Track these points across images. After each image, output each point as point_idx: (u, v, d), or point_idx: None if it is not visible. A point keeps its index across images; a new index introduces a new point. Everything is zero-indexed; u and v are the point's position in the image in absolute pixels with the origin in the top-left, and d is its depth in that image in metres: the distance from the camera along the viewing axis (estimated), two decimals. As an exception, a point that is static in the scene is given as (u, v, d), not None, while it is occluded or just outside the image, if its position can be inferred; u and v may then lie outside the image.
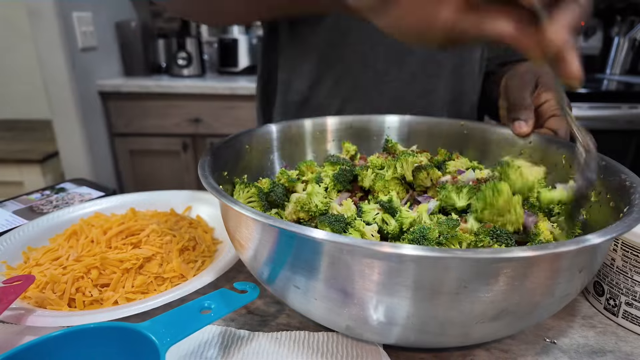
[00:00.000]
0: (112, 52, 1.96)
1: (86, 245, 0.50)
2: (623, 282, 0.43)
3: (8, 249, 0.52)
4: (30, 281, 0.42)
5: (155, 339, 0.32)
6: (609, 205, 0.41)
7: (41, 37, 1.60)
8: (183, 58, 1.96)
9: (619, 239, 0.42)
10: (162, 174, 2.00)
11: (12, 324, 0.41)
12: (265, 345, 0.40)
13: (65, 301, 0.44)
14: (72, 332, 0.32)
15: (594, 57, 2.36)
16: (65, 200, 0.68)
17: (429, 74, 0.74)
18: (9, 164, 1.69)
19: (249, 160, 0.54)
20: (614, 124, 1.80)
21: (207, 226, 0.60)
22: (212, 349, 0.39)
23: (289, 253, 0.33)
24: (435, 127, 0.62)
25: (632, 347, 0.41)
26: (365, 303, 0.31)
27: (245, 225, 0.36)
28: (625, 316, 0.43)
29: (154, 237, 0.52)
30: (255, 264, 0.38)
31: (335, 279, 0.31)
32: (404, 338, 0.35)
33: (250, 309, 0.46)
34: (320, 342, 0.40)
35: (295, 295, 0.35)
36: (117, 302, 0.44)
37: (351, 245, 0.29)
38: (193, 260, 0.51)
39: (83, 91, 1.74)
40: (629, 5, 2.21)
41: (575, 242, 0.29)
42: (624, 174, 0.41)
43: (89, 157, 1.80)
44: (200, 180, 0.39)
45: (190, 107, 1.86)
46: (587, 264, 0.33)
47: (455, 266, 0.29)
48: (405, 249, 0.27)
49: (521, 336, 0.42)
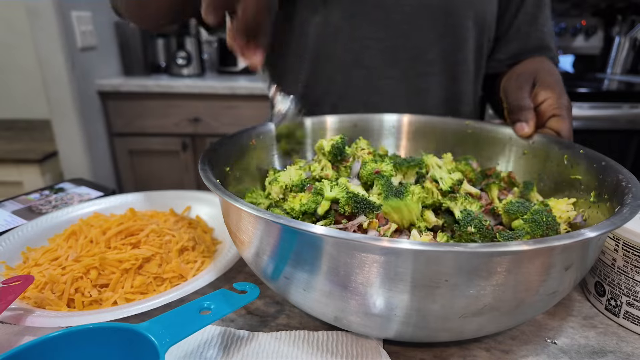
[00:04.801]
0: (112, 51, 1.96)
1: (85, 246, 0.50)
2: (624, 283, 0.43)
3: (7, 249, 0.52)
4: (29, 281, 0.42)
5: (154, 340, 0.32)
6: (607, 205, 0.41)
7: (40, 36, 1.59)
8: (182, 57, 1.95)
9: (620, 239, 0.42)
10: (162, 173, 2.00)
11: (11, 324, 0.41)
12: (265, 345, 0.40)
13: (64, 301, 0.44)
14: (71, 333, 0.32)
15: (595, 56, 2.36)
16: (64, 200, 0.68)
17: (420, 72, 0.74)
18: (8, 163, 1.69)
19: (250, 157, 0.54)
20: (614, 124, 1.80)
21: (206, 226, 0.60)
22: (211, 349, 0.39)
23: (290, 249, 0.33)
24: (438, 126, 0.62)
25: (633, 348, 0.41)
26: (361, 296, 0.32)
27: (245, 221, 0.36)
28: (626, 316, 0.43)
29: (153, 238, 0.51)
30: (256, 260, 0.38)
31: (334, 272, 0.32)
32: (395, 331, 0.35)
33: (250, 310, 0.45)
34: (320, 341, 0.40)
35: (296, 289, 0.35)
36: (117, 302, 0.44)
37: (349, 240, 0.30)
38: (192, 261, 0.51)
39: (82, 91, 1.74)
40: (629, 5, 2.21)
41: (560, 238, 0.29)
42: (621, 174, 0.41)
43: (88, 157, 1.80)
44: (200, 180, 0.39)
45: (189, 107, 1.86)
46: (575, 261, 0.33)
47: (437, 260, 0.29)
48: (403, 243, 0.28)
49: (522, 336, 0.42)
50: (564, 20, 2.29)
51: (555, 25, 2.29)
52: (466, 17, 0.71)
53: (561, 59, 2.35)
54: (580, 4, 2.25)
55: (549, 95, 0.56)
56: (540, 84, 0.58)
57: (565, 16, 2.30)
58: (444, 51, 0.73)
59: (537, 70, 0.61)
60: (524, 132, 0.55)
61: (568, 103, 0.56)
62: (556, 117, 0.55)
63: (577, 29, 2.30)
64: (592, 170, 0.46)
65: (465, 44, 0.73)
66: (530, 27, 0.76)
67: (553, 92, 0.56)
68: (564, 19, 2.29)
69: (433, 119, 0.62)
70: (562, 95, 0.56)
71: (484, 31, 0.75)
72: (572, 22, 2.29)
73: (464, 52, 0.74)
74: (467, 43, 0.73)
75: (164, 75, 2.02)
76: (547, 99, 0.56)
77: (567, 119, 0.55)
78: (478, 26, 0.73)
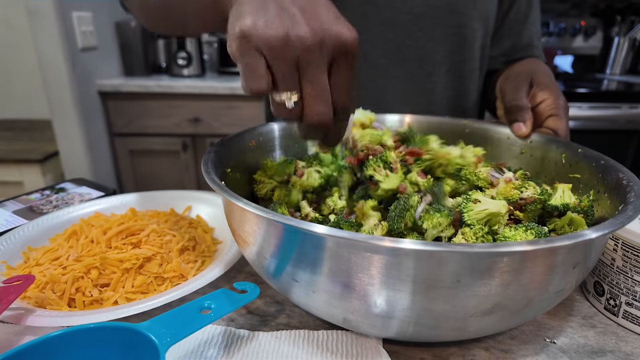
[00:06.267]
0: (112, 52, 1.96)
1: (86, 245, 0.50)
2: (623, 282, 0.43)
3: (8, 249, 0.52)
4: (30, 281, 0.42)
5: (155, 339, 0.32)
6: (607, 203, 0.41)
7: (41, 36, 1.59)
8: (183, 58, 1.96)
9: (619, 238, 0.42)
10: (162, 173, 2.00)
11: (12, 324, 0.41)
12: (265, 344, 0.40)
13: (65, 301, 0.44)
14: (72, 332, 0.32)
15: (594, 56, 2.36)
16: (65, 200, 0.68)
17: (427, 71, 0.74)
18: (9, 163, 1.69)
19: (251, 157, 0.54)
20: (614, 124, 1.80)
21: (207, 226, 0.60)
22: (212, 348, 0.39)
23: (293, 248, 0.33)
24: (436, 125, 0.62)
25: (632, 347, 0.41)
26: (365, 296, 0.32)
27: (248, 221, 0.36)
28: (625, 316, 0.43)
29: (154, 237, 0.52)
30: (259, 259, 0.38)
31: (337, 272, 0.32)
32: (400, 331, 0.35)
33: (250, 309, 0.45)
34: (320, 341, 0.40)
35: (298, 289, 0.36)
36: (117, 302, 0.44)
37: (351, 240, 0.30)
38: (193, 260, 0.51)
39: (83, 91, 1.74)
40: (629, 5, 2.21)
41: (568, 238, 0.29)
42: (621, 173, 0.41)
43: (89, 157, 1.80)
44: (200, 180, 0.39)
45: (190, 107, 1.86)
46: (581, 260, 0.33)
47: (449, 260, 0.29)
48: (404, 243, 0.28)
49: (521, 336, 0.42)
50: (564, 20, 2.29)
51: (554, 25, 2.29)
52: (471, 17, 0.71)
53: (560, 59, 2.35)
54: (579, 5, 2.25)
55: (547, 96, 0.56)
56: (537, 85, 0.58)
57: (565, 16, 2.30)
58: (450, 51, 0.73)
59: (534, 71, 0.62)
60: (521, 132, 0.55)
61: (565, 104, 0.56)
62: (554, 117, 0.55)
63: (576, 29, 2.30)
64: (591, 169, 0.46)
65: (471, 44, 0.74)
66: (521, 25, 0.77)
67: (551, 93, 0.56)
68: (564, 19, 2.29)
69: (431, 119, 0.63)
70: (560, 96, 0.57)
71: (488, 30, 0.75)
72: (572, 23, 2.29)
73: (469, 51, 0.74)
74: (472, 43, 0.74)
75: (165, 76, 2.02)
76: (545, 99, 0.56)
77: (564, 118, 0.55)
78: (482, 26, 0.74)
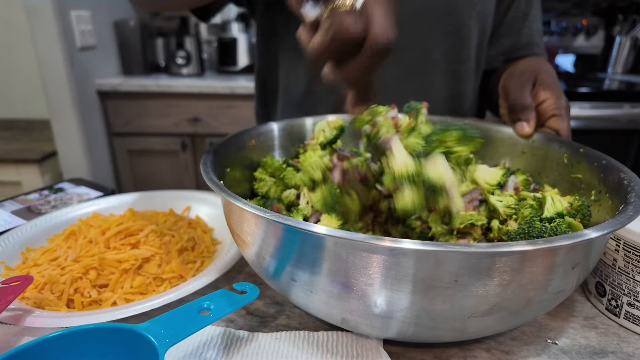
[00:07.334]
0: (111, 51, 1.95)
1: (84, 246, 0.50)
2: (625, 283, 0.43)
3: (6, 249, 0.51)
4: (28, 282, 0.42)
5: (154, 340, 0.32)
6: (608, 204, 0.41)
7: (39, 35, 1.59)
8: (182, 57, 1.95)
9: (620, 239, 0.42)
10: (161, 173, 1.99)
11: (10, 324, 0.41)
12: (265, 345, 0.39)
13: (63, 302, 0.44)
14: (70, 333, 0.32)
15: (596, 56, 2.36)
16: (63, 200, 0.68)
17: (424, 71, 0.74)
18: (7, 163, 1.69)
19: (251, 157, 0.54)
20: (615, 124, 1.80)
21: (206, 226, 0.60)
22: (211, 349, 0.39)
23: (292, 248, 0.33)
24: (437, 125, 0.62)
25: (634, 348, 0.41)
26: (363, 296, 0.32)
27: (247, 221, 0.36)
28: (627, 317, 0.43)
29: (152, 238, 0.51)
30: (258, 259, 0.37)
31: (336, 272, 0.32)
32: (400, 332, 0.35)
33: (249, 310, 0.45)
34: (320, 342, 0.40)
35: (297, 289, 0.35)
36: (116, 302, 0.44)
37: (350, 240, 0.30)
38: (192, 261, 0.51)
39: (81, 90, 1.73)
40: (631, 4, 2.21)
41: (568, 238, 0.29)
42: (622, 173, 0.41)
43: (88, 156, 1.80)
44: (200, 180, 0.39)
45: (189, 107, 1.86)
46: (581, 260, 0.33)
47: (448, 260, 0.29)
48: (403, 243, 0.28)
49: (522, 337, 0.42)
50: (565, 19, 2.29)
51: (556, 24, 2.29)
52: (469, 16, 0.71)
53: (562, 58, 2.35)
54: (581, 4, 2.25)
55: (548, 95, 0.56)
56: (540, 84, 0.58)
57: (566, 15, 2.29)
58: (447, 50, 0.73)
59: (537, 70, 0.61)
60: (524, 132, 0.54)
61: (567, 104, 0.56)
62: (555, 117, 0.55)
63: (578, 28, 2.30)
64: (593, 168, 0.46)
65: (469, 43, 0.73)
66: (521, 23, 0.77)
67: (553, 93, 0.56)
68: (565, 18, 2.29)
69: (431, 118, 0.62)
70: (561, 96, 0.56)
71: (485, 30, 0.75)
72: (573, 22, 2.29)
73: (467, 51, 0.74)
74: (470, 42, 0.73)
75: (164, 75, 2.02)
76: (547, 99, 0.56)
77: (566, 118, 0.55)
78: (480, 25, 0.73)
